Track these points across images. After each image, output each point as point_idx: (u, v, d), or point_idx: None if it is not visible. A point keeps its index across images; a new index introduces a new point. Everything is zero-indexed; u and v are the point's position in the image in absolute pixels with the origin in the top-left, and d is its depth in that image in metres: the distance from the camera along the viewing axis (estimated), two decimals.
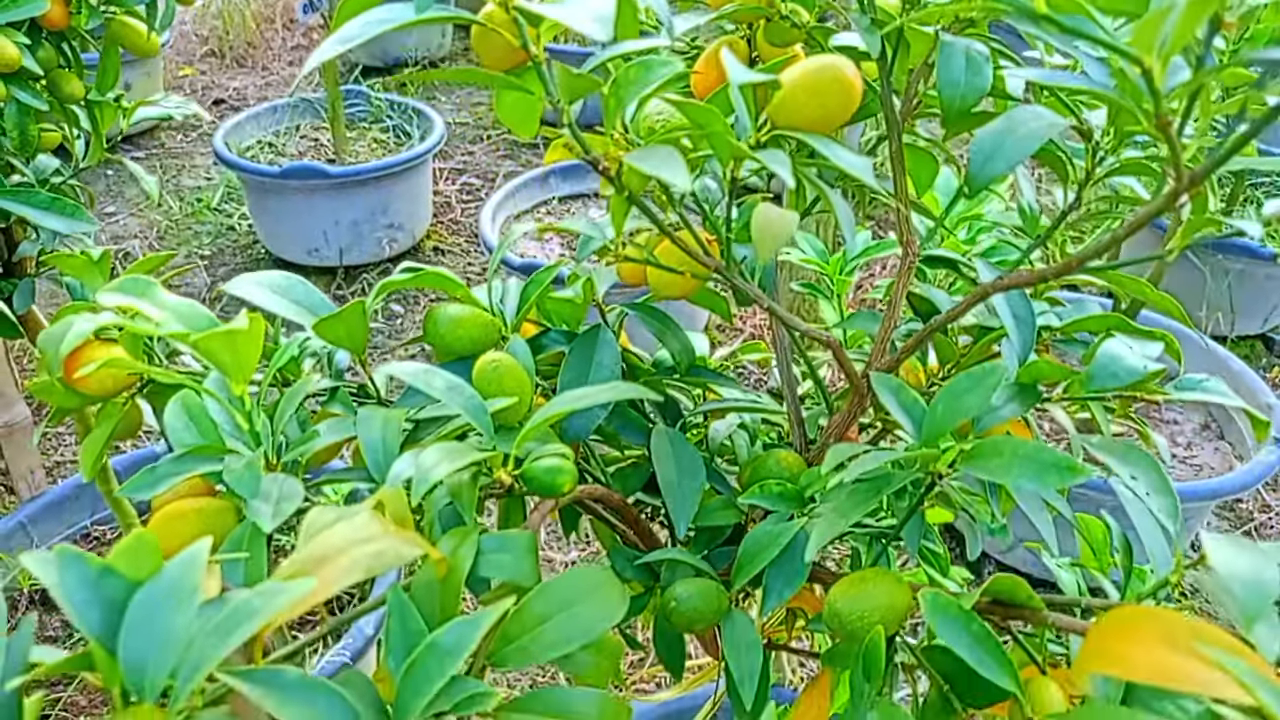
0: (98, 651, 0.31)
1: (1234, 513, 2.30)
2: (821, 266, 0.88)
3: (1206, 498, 1.75)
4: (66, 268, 0.65)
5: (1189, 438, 2.03)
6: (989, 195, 0.80)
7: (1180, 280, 2.57)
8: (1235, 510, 2.30)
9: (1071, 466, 0.43)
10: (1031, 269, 0.48)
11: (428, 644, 0.35)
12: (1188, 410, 2.10)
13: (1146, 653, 0.33)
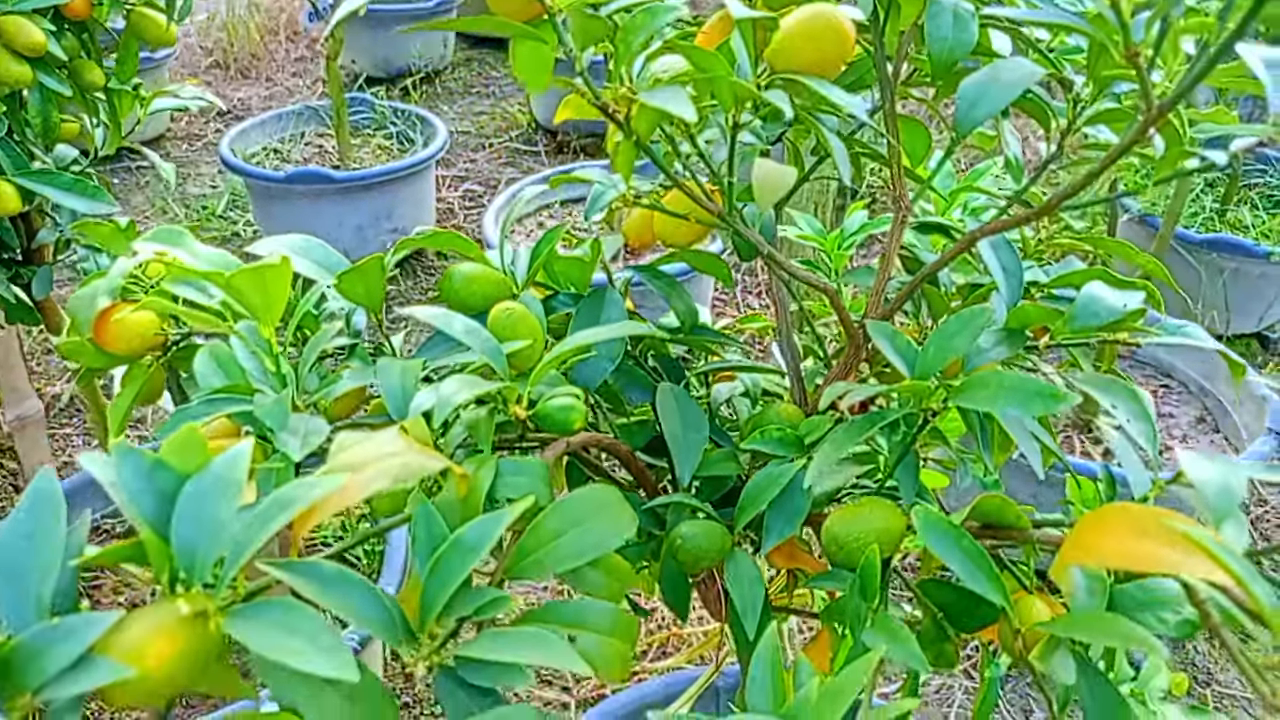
0: (149, 538, 0.34)
1: None
2: (820, 242, 0.91)
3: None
4: (93, 235, 0.68)
5: (1184, 430, 2.06)
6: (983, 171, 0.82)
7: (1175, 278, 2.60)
8: None
9: (1055, 394, 0.46)
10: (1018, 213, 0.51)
11: (452, 541, 0.38)
12: (1183, 404, 2.13)
13: (1119, 542, 0.36)
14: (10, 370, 1.51)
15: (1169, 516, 0.35)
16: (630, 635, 0.45)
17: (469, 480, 0.44)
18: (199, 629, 0.34)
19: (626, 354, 0.69)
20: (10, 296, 1.08)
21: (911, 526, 0.50)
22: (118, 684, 0.32)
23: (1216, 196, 2.84)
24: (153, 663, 0.32)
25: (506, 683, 0.41)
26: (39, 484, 0.35)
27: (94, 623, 0.32)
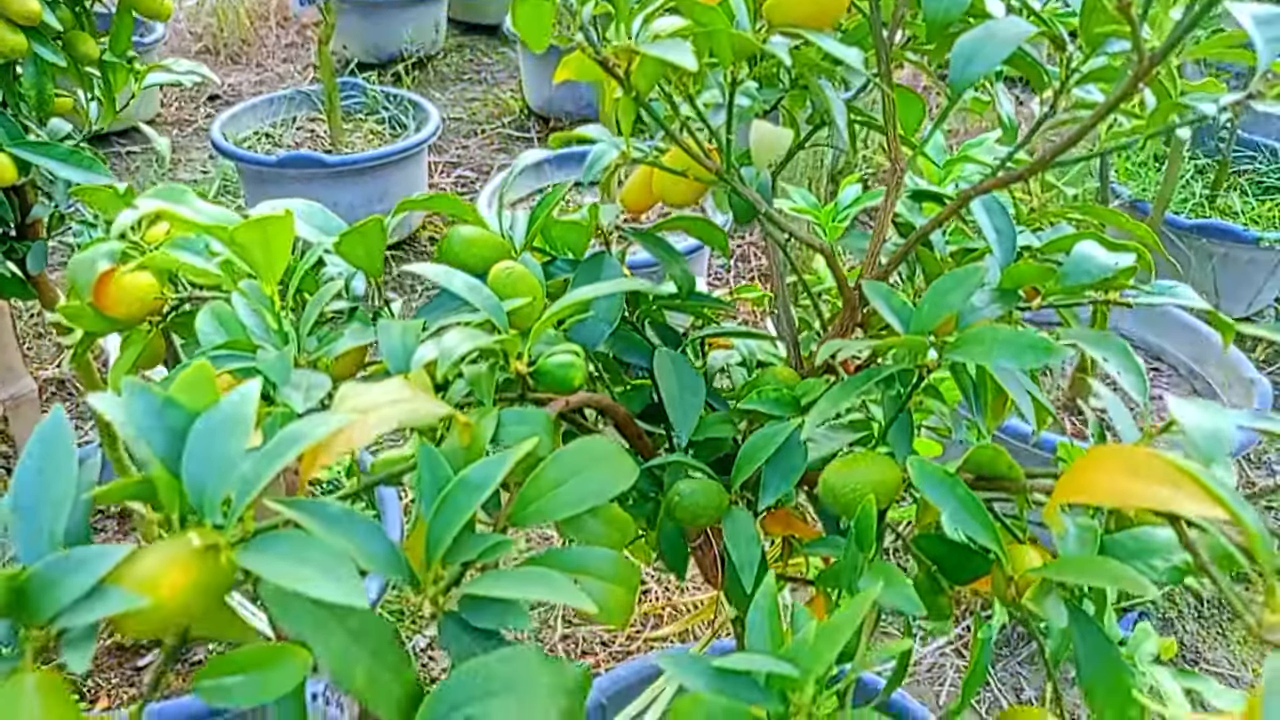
0: (159, 474, 0.34)
1: None
2: (815, 215, 0.92)
3: None
4: (91, 201, 0.68)
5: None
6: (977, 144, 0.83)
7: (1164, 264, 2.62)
8: None
9: (1048, 347, 0.47)
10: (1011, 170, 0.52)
11: (458, 480, 0.39)
12: (1172, 386, 2.15)
13: (1111, 481, 0.37)
14: (4, 349, 1.51)
15: (1161, 455, 0.36)
16: (632, 583, 0.46)
17: (472, 429, 0.44)
18: (210, 562, 0.34)
19: (624, 320, 0.70)
20: (5, 271, 1.08)
21: (907, 479, 0.51)
22: (131, 614, 0.33)
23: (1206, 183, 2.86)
24: (166, 593, 0.33)
25: (509, 625, 0.42)
26: (49, 423, 0.35)
27: (107, 554, 0.33)
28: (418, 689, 0.40)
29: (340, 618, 0.38)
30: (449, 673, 0.40)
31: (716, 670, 0.40)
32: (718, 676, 0.40)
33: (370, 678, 0.38)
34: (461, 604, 0.43)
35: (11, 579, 0.32)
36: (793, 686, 0.40)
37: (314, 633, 0.36)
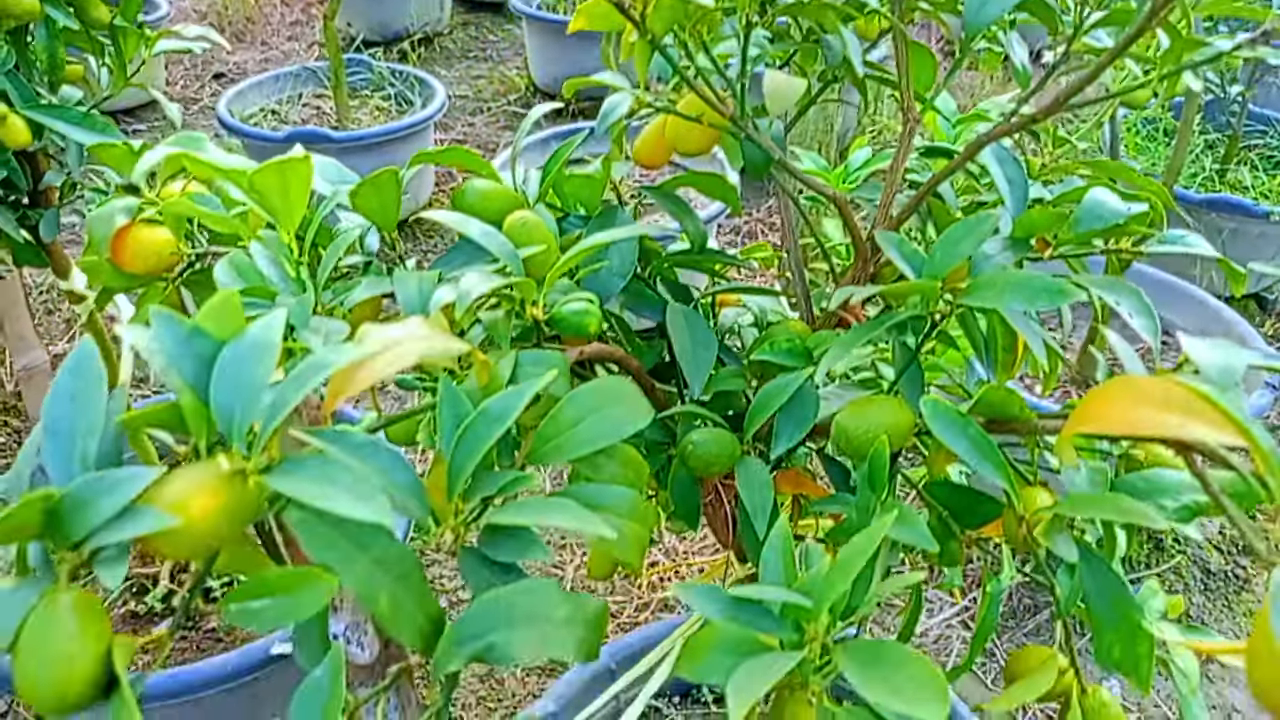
0: (188, 401, 0.35)
1: None
2: (825, 177, 0.92)
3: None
4: (107, 158, 0.68)
5: None
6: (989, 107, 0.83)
7: None
8: None
9: (1061, 289, 0.47)
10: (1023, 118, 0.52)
11: (478, 412, 0.39)
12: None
13: (1122, 411, 0.37)
14: (16, 319, 1.52)
15: (1172, 383, 0.36)
16: (648, 521, 0.47)
17: (490, 368, 0.45)
18: (238, 487, 0.35)
19: (636, 277, 0.70)
20: (18, 238, 1.09)
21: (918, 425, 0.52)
22: (162, 534, 0.33)
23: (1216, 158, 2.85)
24: (196, 514, 0.34)
25: (528, 557, 0.43)
26: (81, 351, 0.36)
27: (139, 476, 0.33)
28: (440, 617, 0.41)
29: (364, 546, 0.38)
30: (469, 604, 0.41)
31: (732, 599, 0.40)
32: (733, 605, 0.40)
33: (394, 604, 0.39)
34: (482, 537, 0.44)
35: (45, 500, 0.33)
36: (807, 616, 0.40)
37: (339, 559, 0.37)
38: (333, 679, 0.36)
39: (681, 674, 0.42)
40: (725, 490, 0.77)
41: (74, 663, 0.32)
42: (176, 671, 1.34)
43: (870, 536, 0.39)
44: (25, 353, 1.57)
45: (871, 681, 0.37)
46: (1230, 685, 1.92)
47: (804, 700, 0.44)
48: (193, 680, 1.33)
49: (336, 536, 0.38)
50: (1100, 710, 0.50)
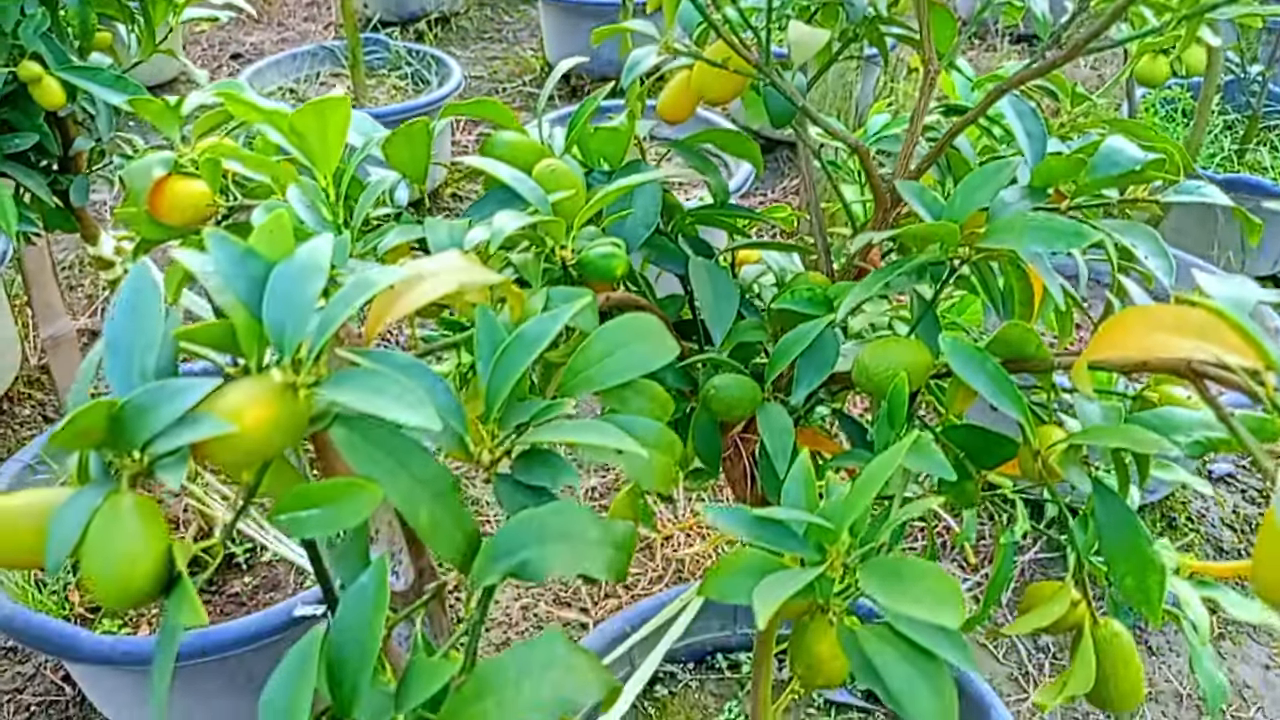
0: (240, 318, 0.37)
1: None
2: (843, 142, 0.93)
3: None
4: (145, 112, 0.70)
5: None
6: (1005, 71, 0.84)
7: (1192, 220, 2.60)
8: None
9: (1079, 232, 0.48)
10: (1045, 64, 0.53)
11: (515, 335, 0.41)
12: None
13: (1137, 338, 0.38)
14: (44, 288, 1.54)
15: (1187, 309, 0.37)
16: (674, 452, 0.48)
17: (523, 300, 0.46)
18: (289, 400, 0.37)
19: (659, 231, 0.71)
20: (50, 202, 1.11)
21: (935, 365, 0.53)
22: (218, 441, 0.35)
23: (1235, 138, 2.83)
24: (250, 424, 0.35)
25: (559, 481, 0.45)
26: (138, 271, 0.38)
27: (196, 386, 0.35)
28: (476, 534, 0.42)
29: (405, 464, 0.40)
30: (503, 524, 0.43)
31: (757, 519, 0.42)
32: (758, 525, 0.42)
33: (433, 520, 0.40)
34: (516, 463, 0.45)
35: (109, 408, 0.35)
36: (828, 538, 0.42)
37: (382, 475, 0.39)
38: (378, 584, 0.37)
39: (707, 595, 0.44)
40: (744, 444, 0.78)
41: (137, 560, 0.34)
42: (203, 631, 1.37)
43: (888, 459, 0.41)
44: (52, 321, 1.59)
45: (892, 593, 0.38)
46: (1241, 662, 1.93)
47: (825, 623, 0.46)
48: (218, 640, 1.36)
49: (380, 454, 0.40)
50: (1112, 640, 0.52)
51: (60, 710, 1.75)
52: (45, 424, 2.31)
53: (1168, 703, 1.82)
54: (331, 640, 0.38)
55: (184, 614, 0.34)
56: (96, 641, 1.34)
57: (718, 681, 1.50)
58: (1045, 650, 1.90)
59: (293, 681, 0.36)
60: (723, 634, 1.50)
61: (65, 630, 1.34)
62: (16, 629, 1.35)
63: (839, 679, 0.47)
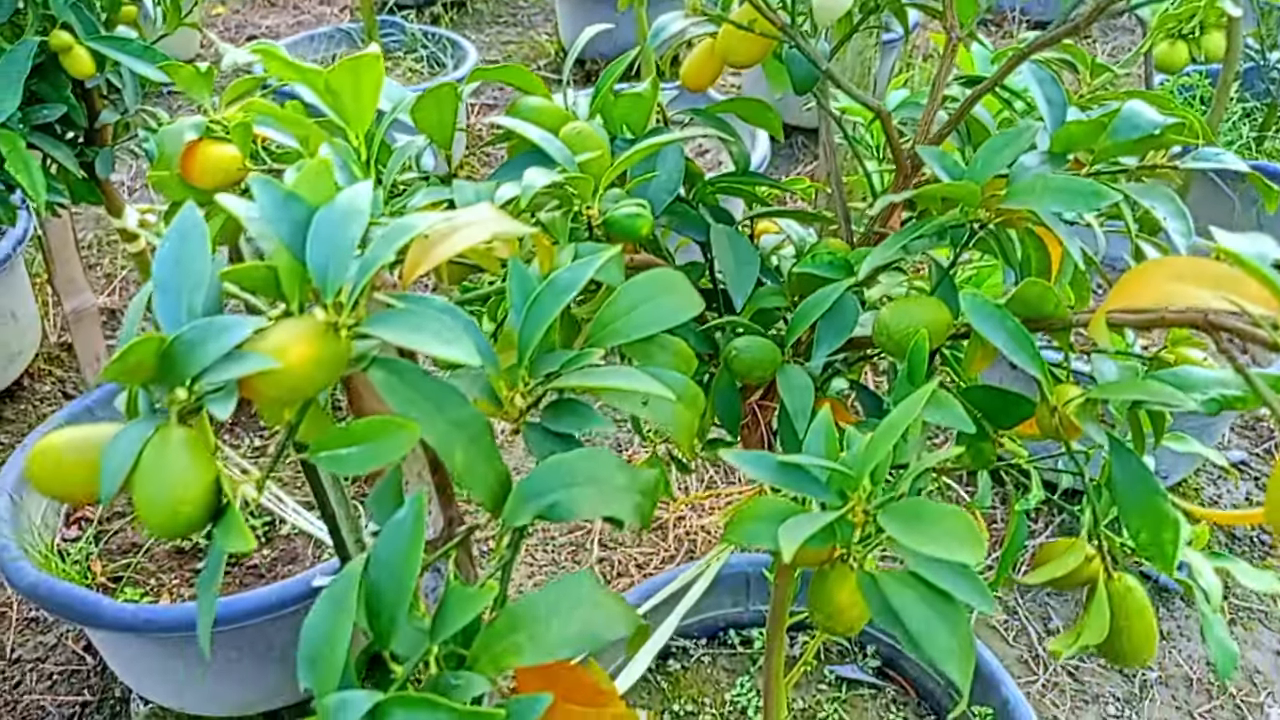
0: (283, 260, 0.38)
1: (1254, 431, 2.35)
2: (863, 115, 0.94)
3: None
4: (176, 77, 0.71)
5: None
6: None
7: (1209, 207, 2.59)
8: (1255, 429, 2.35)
9: (1099, 192, 0.49)
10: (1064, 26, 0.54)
11: (547, 282, 0.42)
12: None
13: (1155, 289, 0.39)
14: (66, 263, 1.56)
15: (1207, 261, 0.38)
16: (698, 406, 0.49)
17: (552, 254, 0.48)
18: (331, 339, 0.38)
19: (680, 199, 0.72)
20: (77, 173, 1.12)
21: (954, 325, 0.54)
22: (263, 376, 0.36)
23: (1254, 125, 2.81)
24: (293, 361, 0.37)
25: (587, 427, 0.46)
26: (185, 214, 0.39)
27: (243, 323, 0.37)
28: (507, 477, 0.44)
29: (441, 407, 0.41)
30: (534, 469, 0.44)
31: (780, 464, 0.43)
32: (781, 469, 0.43)
33: (468, 461, 0.42)
34: (545, 413, 0.46)
35: (160, 343, 0.36)
36: (850, 484, 0.43)
37: (420, 416, 0.40)
38: (415, 518, 0.39)
39: (731, 541, 0.45)
40: (762, 412, 0.79)
41: (187, 488, 0.36)
42: (224, 601, 1.39)
43: (909, 406, 0.42)
44: (75, 295, 1.61)
45: (912, 534, 0.39)
46: (1252, 648, 1.93)
47: (845, 571, 0.47)
48: (238, 610, 1.38)
49: (417, 397, 0.41)
50: (1125, 594, 0.53)
51: (81, 679, 1.78)
52: (65, 400, 2.34)
53: (1178, 687, 1.83)
54: (369, 575, 0.39)
55: (232, 541, 0.35)
56: (118, 609, 1.37)
57: (730, 657, 1.51)
58: (1055, 633, 1.91)
59: (333, 612, 0.37)
60: (735, 610, 1.52)
61: (88, 598, 1.37)
62: (41, 596, 1.37)
63: (858, 626, 0.48)
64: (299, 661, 0.38)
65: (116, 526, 1.67)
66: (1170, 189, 0.52)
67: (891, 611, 0.42)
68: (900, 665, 1.48)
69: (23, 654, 1.82)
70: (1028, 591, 1.98)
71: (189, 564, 1.64)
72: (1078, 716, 1.79)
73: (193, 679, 1.51)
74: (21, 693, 1.75)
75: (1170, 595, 1.98)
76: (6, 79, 0.85)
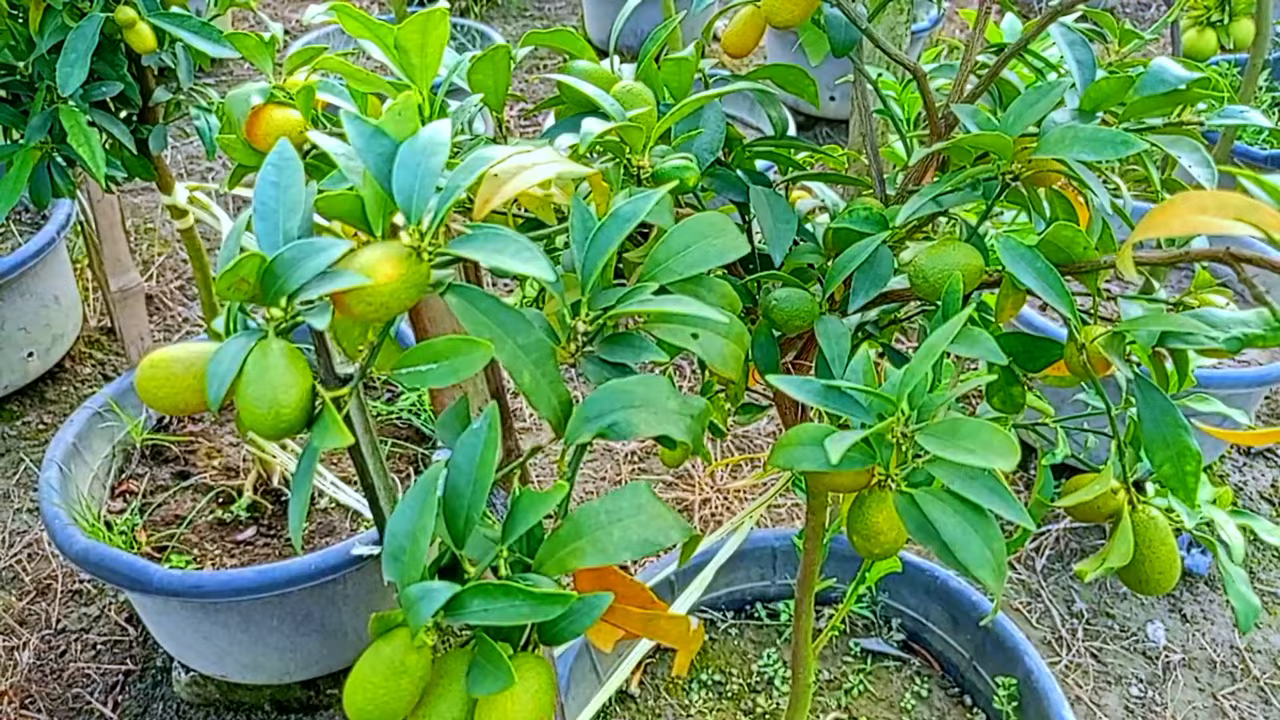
0: (371, 189, 0.42)
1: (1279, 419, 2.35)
2: (895, 89, 0.96)
3: (1255, 384, 1.81)
4: (241, 47, 0.75)
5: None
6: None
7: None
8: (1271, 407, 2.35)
9: (1127, 140, 0.52)
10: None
11: (610, 214, 0.45)
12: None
13: (1180, 220, 0.42)
14: (114, 243, 1.61)
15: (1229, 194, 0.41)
16: (743, 343, 0.52)
17: (608, 194, 0.51)
18: (414, 262, 0.41)
19: (720, 163, 0.75)
20: (131, 150, 1.17)
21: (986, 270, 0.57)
22: (355, 292, 0.40)
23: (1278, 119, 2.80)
24: (382, 279, 0.40)
25: (641, 358, 0.49)
26: (281, 147, 0.43)
27: (336, 244, 0.40)
28: (569, 399, 0.47)
29: (511, 333, 0.45)
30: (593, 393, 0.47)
31: (823, 387, 0.46)
32: (823, 392, 0.46)
33: (534, 381, 0.45)
34: (601, 346, 0.50)
35: (261, 261, 0.40)
36: (889, 408, 0.46)
37: (495, 339, 0.44)
38: (490, 426, 0.42)
39: (775, 464, 0.48)
40: (796, 371, 0.82)
41: (288, 391, 0.39)
42: (263, 569, 1.43)
43: (945, 332, 0.45)
44: (121, 275, 1.67)
45: (950, 447, 0.42)
46: (1277, 632, 1.94)
47: (882, 496, 0.50)
48: (279, 577, 1.43)
49: (489, 322, 0.44)
50: (1148, 523, 0.55)
51: (125, 649, 1.84)
52: (105, 381, 2.40)
53: (1201, 669, 1.84)
54: (447, 480, 0.43)
55: (330, 438, 0.39)
56: (166, 574, 1.42)
57: (756, 629, 1.54)
58: (1079, 616, 1.93)
59: (416, 510, 0.41)
60: (762, 584, 1.55)
61: (137, 564, 1.42)
62: (91, 563, 1.42)
63: (894, 548, 0.51)
64: (384, 559, 0.41)
65: (160, 499, 1.73)
66: (1195, 141, 0.55)
67: (928, 526, 0.45)
68: (924, 639, 1.50)
69: (67, 624, 1.87)
70: (1051, 575, 2.00)
71: (230, 535, 1.68)
72: (1100, 697, 1.80)
73: (234, 646, 1.56)
74: (67, 661, 1.81)
75: (1194, 579, 1.99)
76: (75, 53, 0.89)
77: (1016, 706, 1.35)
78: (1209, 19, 2.14)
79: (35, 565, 1.97)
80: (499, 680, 0.39)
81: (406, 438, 1.81)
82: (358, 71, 0.58)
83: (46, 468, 1.58)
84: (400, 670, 0.40)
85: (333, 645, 1.61)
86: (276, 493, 1.73)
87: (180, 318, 2.57)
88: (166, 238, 2.81)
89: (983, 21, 0.63)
